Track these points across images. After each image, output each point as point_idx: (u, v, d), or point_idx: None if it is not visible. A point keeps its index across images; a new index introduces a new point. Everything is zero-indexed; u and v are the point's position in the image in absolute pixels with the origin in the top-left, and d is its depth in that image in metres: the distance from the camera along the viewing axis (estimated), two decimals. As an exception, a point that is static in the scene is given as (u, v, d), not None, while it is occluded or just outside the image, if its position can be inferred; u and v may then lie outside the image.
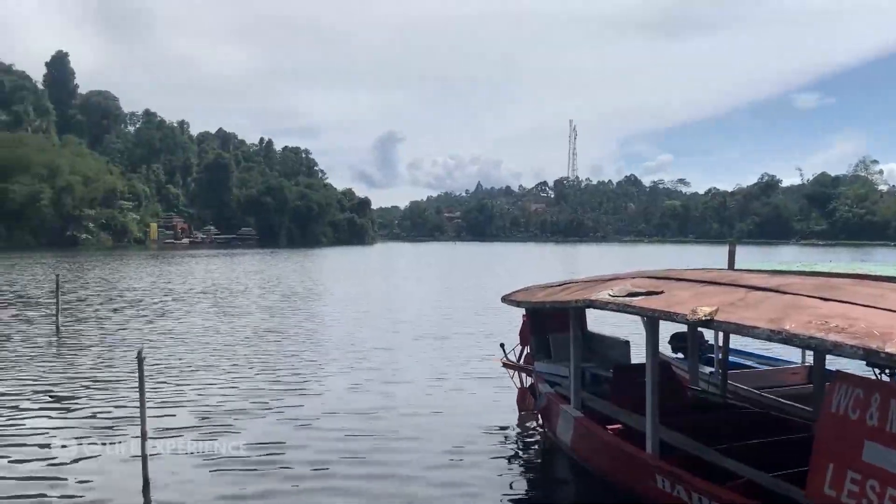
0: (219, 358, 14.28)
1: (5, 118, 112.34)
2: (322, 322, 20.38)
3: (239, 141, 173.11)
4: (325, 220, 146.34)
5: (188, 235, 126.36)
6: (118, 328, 18.67)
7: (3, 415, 9.78)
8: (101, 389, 11.38)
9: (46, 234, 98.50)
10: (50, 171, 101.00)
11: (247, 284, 34.59)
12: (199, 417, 9.63)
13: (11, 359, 14.03)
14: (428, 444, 8.46)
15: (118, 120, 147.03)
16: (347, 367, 13.26)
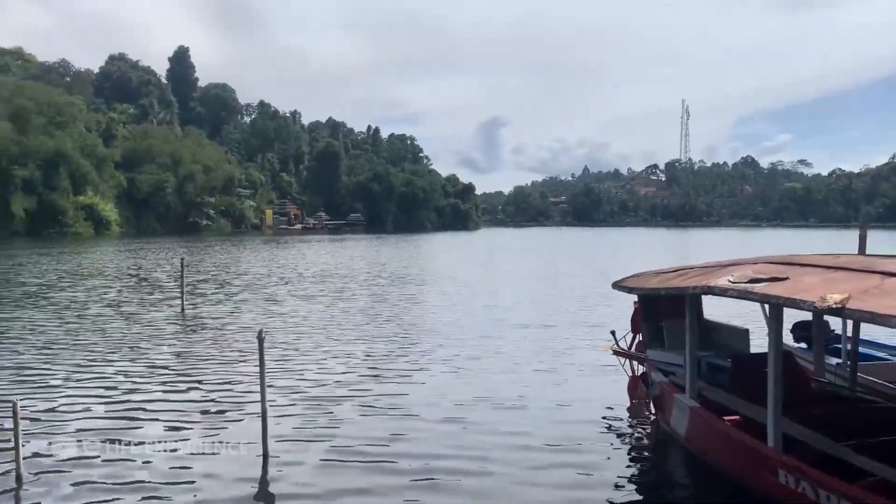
0: (330, 341, 14.74)
1: (133, 111, 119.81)
2: (427, 308, 20.58)
3: (348, 129, 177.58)
4: (430, 205, 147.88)
5: (301, 221, 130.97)
6: (238, 309, 19.61)
7: (132, 390, 10.47)
8: (224, 368, 11.99)
9: (171, 221, 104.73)
10: (173, 161, 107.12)
11: (356, 269, 35.49)
12: (311, 398, 9.98)
13: (141, 337, 15.00)
14: (535, 436, 8.30)
15: (235, 111, 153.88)
16: (452, 355, 13.20)
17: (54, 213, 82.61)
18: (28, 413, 8.50)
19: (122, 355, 13.01)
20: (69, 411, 9.19)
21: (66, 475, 6.88)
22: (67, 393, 10.20)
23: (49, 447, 7.62)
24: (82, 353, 13.24)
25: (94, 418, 8.92)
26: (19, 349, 13.57)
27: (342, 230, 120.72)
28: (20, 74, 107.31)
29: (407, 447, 7.90)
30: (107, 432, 8.28)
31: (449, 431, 8.51)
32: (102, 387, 10.60)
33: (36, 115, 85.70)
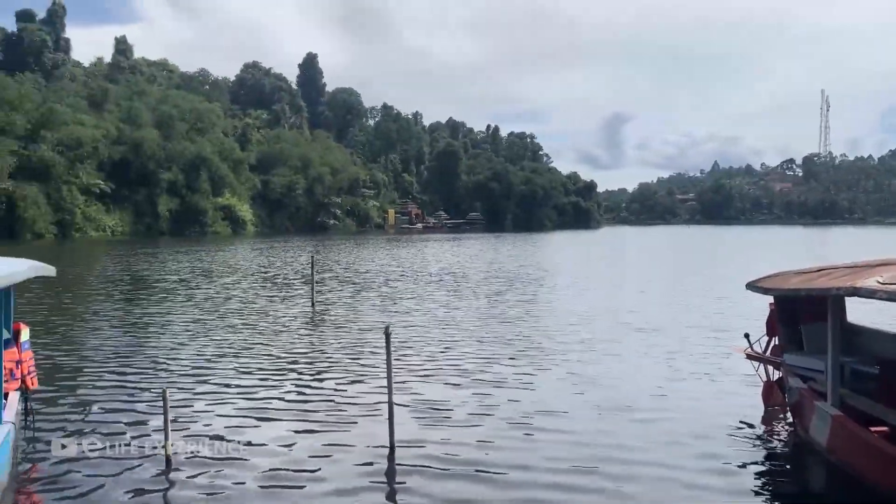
0: (452, 339, 14.87)
1: (266, 116, 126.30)
2: (549, 309, 20.36)
3: (467, 129, 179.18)
4: (550, 204, 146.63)
5: (421, 220, 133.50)
6: (363, 306, 20.21)
7: (264, 381, 11.02)
8: (351, 362, 12.38)
9: (301, 220, 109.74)
10: (303, 163, 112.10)
11: (475, 267, 35.70)
12: (435, 396, 10.11)
13: (275, 330, 15.77)
14: (666, 443, 7.99)
15: (360, 114, 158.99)
16: (576, 358, 12.88)
17: (196, 214, 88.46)
18: (174, 398, 9.09)
19: (255, 348, 13.71)
20: (208, 398, 9.79)
21: (208, 460, 7.32)
22: (206, 379, 10.88)
23: (192, 432, 8.16)
24: (218, 345, 14.07)
25: (230, 407, 9.44)
26: (163, 340, 14.60)
27: (462, 229, 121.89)
28: (165, 84, 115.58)
29: (530, 453, 7.74)
30: (241, 420, 8.76)
31: (575, 438, 8.27)
32: (237, 377, 11.20)
33: (179, 122, 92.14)
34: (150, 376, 11.22)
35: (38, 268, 6.97)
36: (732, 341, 12.29)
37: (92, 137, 77.08)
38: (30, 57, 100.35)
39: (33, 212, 69.39)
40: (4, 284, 6.12)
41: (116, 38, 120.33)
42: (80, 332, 15.77)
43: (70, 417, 8.88)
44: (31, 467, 7.12)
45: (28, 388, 7.69)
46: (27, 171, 71.18)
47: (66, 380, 10.94)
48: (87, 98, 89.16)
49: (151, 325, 16.55)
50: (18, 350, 7.46)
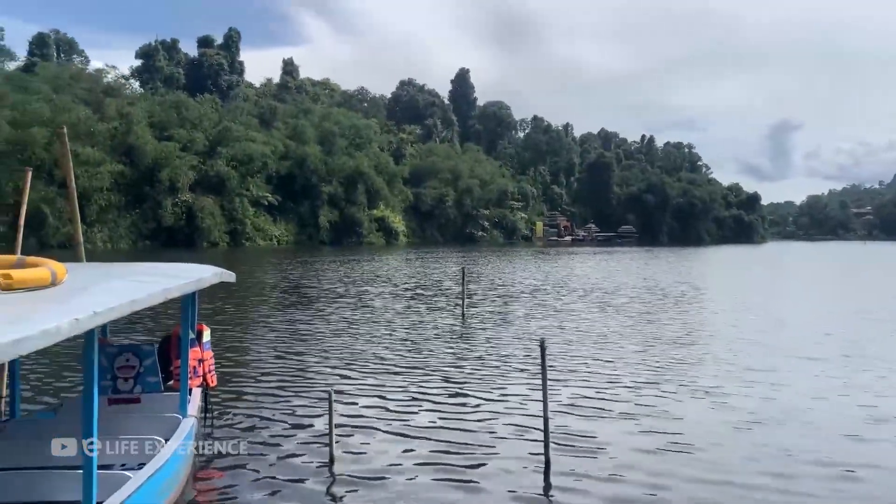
0: (604, 355, 14.43)
1: (419, 131, 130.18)
2: (711, 331, 19.15)
3: (620, 139, 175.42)
4: (709, 216, 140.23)
5: (570, 233, 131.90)
6: (513, 318, 20.12)
7: (419, 387, 11.16)
8: (502, 373, 12.32)
9: (450, 231, 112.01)
10: (453, 176, 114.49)
11: (629, 283, 34.63)
12: (589, 410, 9.81)
13: (425, 341, 16.00)
14: (848, 468, 7.26)
15: (510, 127, 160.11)
16: (742, 390, 12.03)
17: (353, 225, 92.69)
18: (338, 400, 9.42)
19: (408, 356, 13.95)
20: (365, 403, 10.06)
21: (370, 460, 7.53)
22: (365, 383, 11.20)
23: (353, 434, 8.42)
24: (373, 351, 14.47)
25: (386, 412, 9.63)
26: (323, 344, 15.25)
27: (613, 242, 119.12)
28: (327, 102, 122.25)
29: (689, 476, 7.33)
30: (399, 426, 8.91)
31: (742, 484, 7.72)
32: (391, 384, 11.44)
33: (339, 138, 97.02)
34: (314, 378, 11.74)
35: (222, 274, 7.46)
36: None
37: (261, 153, 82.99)
38: (209, 79, 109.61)
39: (210, 222, 75.63)
40: (194, 289, 6.58)
41: (284, 60, 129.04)
42: (252, 334, 16.83)
43: (243, 414, 9.45)
44: (207, 458, 7.63)
45: (208, 386, 8.24)
46: (205, 185, 77.88)
47: (239, 378, 11.68)
48: (258, 116, 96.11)
49: (313, 330, 17.35)
50: (201, 349, 8.02)
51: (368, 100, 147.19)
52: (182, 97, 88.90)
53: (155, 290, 5.46)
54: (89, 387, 4.84)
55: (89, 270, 6.23)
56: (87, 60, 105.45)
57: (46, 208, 61.27)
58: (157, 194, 73.89)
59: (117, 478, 5.37)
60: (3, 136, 64.53)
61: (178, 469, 6.41)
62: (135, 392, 7.48)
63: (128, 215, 72.86)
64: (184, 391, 7.24)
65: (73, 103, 74.29)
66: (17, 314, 4.04)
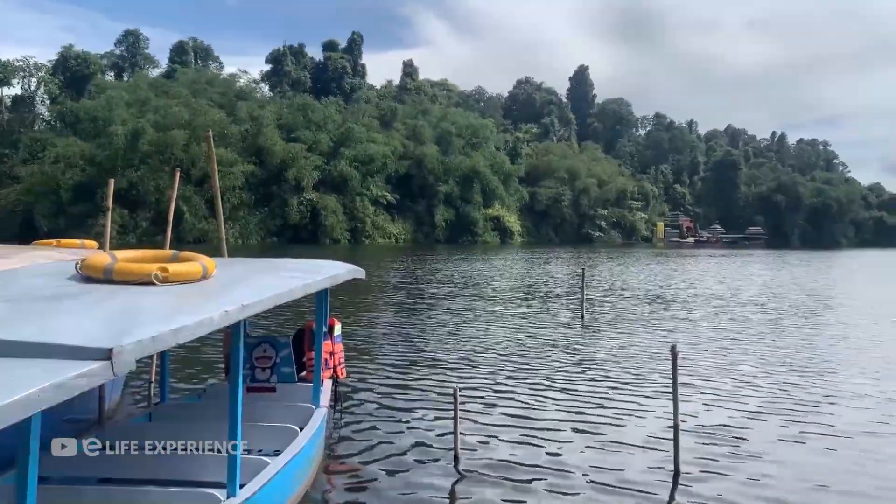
0: (733, 366, 13.82)
1: (536, 130, 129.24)
2: (857, 340, 18.00)
3: (749, 137, 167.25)
4: (846, 218, 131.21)
5: (693, 234, 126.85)
6: (634, 322, 19.60)
7: (540, 390, 11.08)
8: (626, 379, 12.01)
9: (565, 231, 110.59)
10: (570, 175, 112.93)
11: (760, 288, 32.96)
12: (716, 423, 9.41)
13: (545, 343, 15.84)
14: None
15: (630, 125, 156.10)
16: (869, 389, 11.37)
17: (468, 224, 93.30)
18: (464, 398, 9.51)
19: (524, 359, 13.85)
20: (488, 402, 10.10)
21: (494, 458, 7.57)
22: (490, 383, 11.24)
23: (480, 432, 8.47)
24: (497, 349, 14.50)
25: (511, 414, 9.63)
26: (446, 342, 15.43)
27: (739, 244, 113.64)
28: (445, 103, 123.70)
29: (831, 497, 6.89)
30: (522, 428, 8.89)
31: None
32: (516, 382, 11.42)
33: (456, 138, 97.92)
34: (437, 375, 11.91)
35: (354, 271, 7.70)
36: None
37: (382, 153, 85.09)
38: (333, 82, 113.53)
39: (332, 220, 78.36)
40: (329, 284, 6.83)
41: (404, 62, 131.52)
42: (378, 329, 17.29)
43: (371, 406, 9.72)
44: (338, 447, 7.90)
45: (338, 378, 8.53)
46: (328, 184, 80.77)
47: (366, 372, 12.02)
48: (378, 118, 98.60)
49: (434, 326, 17.63)
50: (332, 343, 8.31)
51: (485, 99, 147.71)
52: (308, 100, 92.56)
53: (297, 286, 5.70)
54: (235, 376, 5.13)
55: (235, 266, 6.60)
56: (221, 66, 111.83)
57: (184, 205, 65.50)
58: (284, 193, 77.31)
59: (256, 463, 5.65)
60: (148, 138, 69.66)
61: (312, 456, 6.68)
62: (271, 381, 7.86)
63: (257, 213, 76.71)
64: (317, 382, 7.54)
65: (209, 107, 79.11)
66: (174, 305, 4.34)
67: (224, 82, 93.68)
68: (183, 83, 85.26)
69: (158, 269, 4.98)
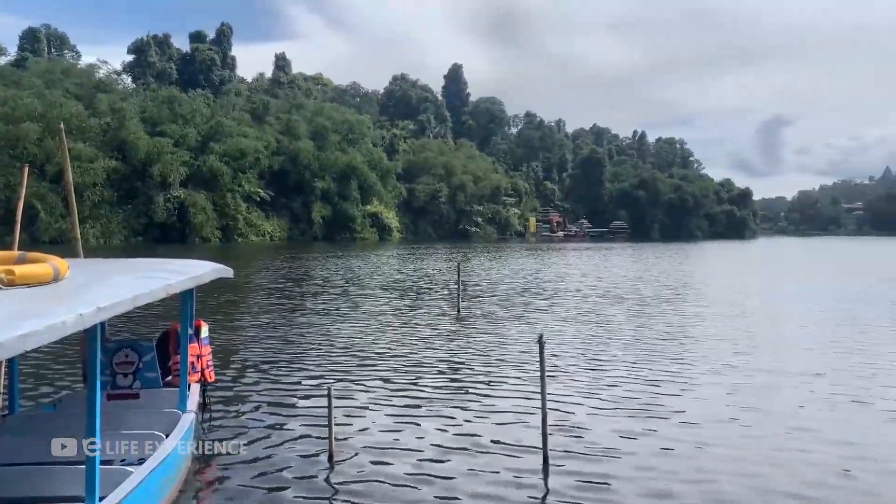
0: (599, 353, 14.53)
1: (413, 127, 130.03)
2: (705, 323, 19.29)
3: (612, 135, 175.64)
4: (701, 212, 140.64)
5: (563, 228, 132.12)
6: (508, 313, 20.17)
7: (417, 383, 11.20)
8: (500, 371, 12.34)
9: (443, 227, 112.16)
10: (447, 172, 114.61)
11: (623, 280, 34.77)
12: (585, 408, 9.88)
13: (421, 337, 16.01)
14: (839, 465, 7.36)
15: (502, 123, 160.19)
16: (734, 370, 12.25)
17: (346, 220, 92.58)
18: (338, 397, 9.46)
19: (405, 353, 13.97)
20: (368, 398, 10.10)
21: (370, 457, 7.57)
22: (366, 379, 11.23)
23: (352, 432, 8.45)
24: (370, 347, 14.50)
25: (385, 409, 9.67)
26: (319, 340, 15.27)
27: (605, 238, 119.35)
28: (320, 97, 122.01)
29: (685, 475, 7.39)
30: (396, 423, 8.96)
31: (740, 454, 7.87)
32: (388, 381, 11.47)
33: (332, 133, 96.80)
34: (312, 373, 11.78)
35: (220, 270, 7.48)
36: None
37: (254, 148, 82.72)
38: (200, 74, 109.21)
39: (201, 217, 75.41)
40: (193, 285, 6.59)
41: (276, 55, 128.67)
42: (247, 329, 16.82)
43: (242, 409, 9.47)
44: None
45: (206, 381, 8.27)
46: (197, 180, 77.60)
47: (237, 374, 11.70)
48: (250, 112, 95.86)
49: (309, 325, 17.37)
50: (199, 345, 8.03)
51: (361, 95, 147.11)
52: (174, 92, 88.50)
53: (157, 286, 5.47)
54: (92, 382, 4.86)
55: (90, 266, 6.25)
56: (78, 56, 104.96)
57: (38, 204, 60.99)
58: (149, 190, 73.63)
59: (118, 473, 5.38)
60: (-6, 131, 64.24)
61: (179, 464, 6.44)
62: (134, 387, 7.50)
63: (120, 211, 72.59)
64: (183, 387, 7.26)
65: (65, 98, 73.92)
66: (21, 310, 4.06)
67: (82, 73, 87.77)
68: (35, 73, 79.16)
69: (3, 271, 4.63)
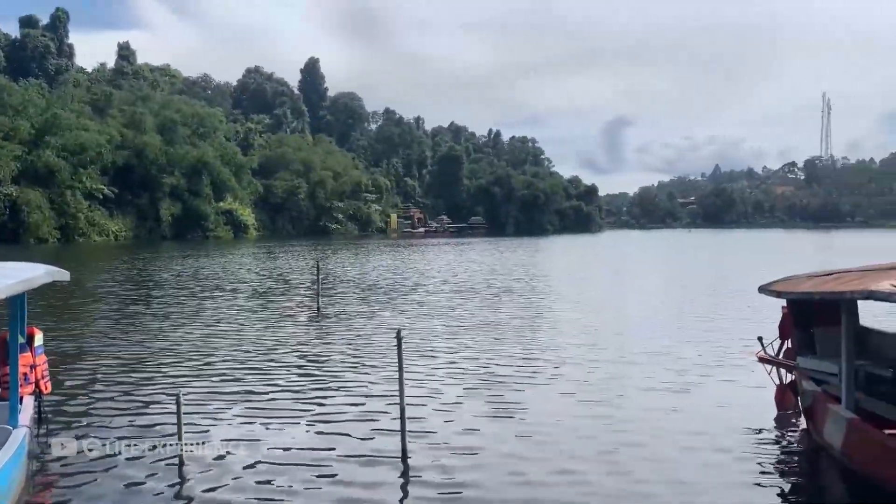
0: (458, 345, 14.90)
1: (268, 121, 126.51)
2: (552, 318, 20.23)
3: (469, 133, 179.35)
4: (552, 208, 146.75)
5: (424, 225, 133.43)
6: (369, 310, 20.21)
7: (274, 383, 11.02)
8: (361, 366, 12.38)
9: (303, 224, 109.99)
10: (305, 168, 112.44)
11: (480, 274, 35.73)
12: (444, 401, 10.12)
13: (279, 338, 15.72)
14: (677, 448, 7.97)
15: (362, 119, 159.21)
16: (582, 364, 12.97)
17: (197, 218, 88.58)
18: (188, 402, 9.11)
19: (262, 353, 13.67)
20: (221, 402, 9.80)
21: (222, 462, 7.37)
22: (218, 383, 10.88)
23: (205, 436, 8.15)
24: (225, 350, 14.06)
25: (240, 412, 9.44)
26: (171, 345, 14.58)
27: (464, 233, 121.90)
28: (168, 89, 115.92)
29: (539, 449, 7.85)
30: (251, 425, 8.78)
31: (583, 434, 8.38)
32: (244, 383, 11.20)
33: (182, 127, 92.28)
34: (161, 380, 11.24)
35: (54, 273, 6.99)
36: (745, 345, 12.30)
37: (95, 143, 77.22)
38: (33, 62, 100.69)
39: (37, 216, 69.53)
40: (23, 289, 6.13)
41: (119, 44, 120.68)
42: (89, 336, 15.76)
43: (83, 421, 8.89)
44: (44, 471, 7.12)
45: (42, 393, 7.70)
46: (31, 177, 71.41)
47: (78, 384, 10.95)
48: (91, 103, 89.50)
49: (157, 330, 16.53)
50: (32, 354, 7.48)
51: (212, 87, 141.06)
52: (2, 81, 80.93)
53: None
54: None
55: None
56: None
57: None
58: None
59: None
60: None
61: (11, 483, 5.98)
62: None
63: (-60, 210, 65.56)
64: (14, 400, 6.73)
65: None
66: None
67: None
68: None
69: None
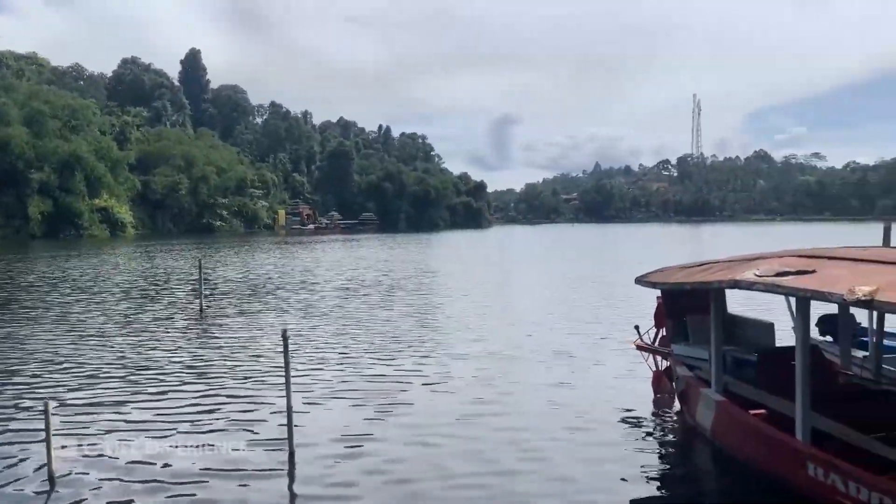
0: (347, 341, 14.83)
1: (147, 114, 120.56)
2: (440, 312, 20.47)
3: (359, 129, 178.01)
4: (442, 204, 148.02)
5: (313, 221, 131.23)
6: (254, 310, 19.74)
7: (154, 389, 10.58)
8: (245, 367, 12.08)
9: (185, 222, 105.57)
10: (187, 163, 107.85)
11: (370, 271, 35.61)
12: (333, 397, 10.07)
13: (161, 339, 15.11)
14: (557, 433, 8.31)
15: (247, 112, 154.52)
16: (471, 356, 13.20)
17: (70, 216, 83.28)
18: (57, 412, 8.59)
19: (141, 358, 13.09)
20: (95, 411, 9.30)
21: (95, 474, 6.99)
22: (92, 392, 10.31)
23: (78, 447, 7.71)
24: (102, 356, 13.37)
25: (117, 420, 9.02)
26: (41, 352, 13.72)
27: (355, 229, 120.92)
28: (35, 79, 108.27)
29: (425, 449, 7.92)
30: (128, 433, 8.38)
31: (470, 433, 8.48)
32: (123, 389, 10.69)
33: (51, 119, 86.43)
34: (30, 389, 10.54)
35: None
36: (622, 334, 12.92)
37: (-50, 135, 71.14)
38: None
39: None
40: None
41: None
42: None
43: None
44: None
45: None
46: None
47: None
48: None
49: (27, 337, 15.47)
50: None
51: (85, 78, 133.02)
52: None
53: None
54: None
55: None
56: None
57: None
58: None
59: None
60: None
61: None
62: None
63: None
64: None
65: None
66: None
67: None
68: None
69: None
